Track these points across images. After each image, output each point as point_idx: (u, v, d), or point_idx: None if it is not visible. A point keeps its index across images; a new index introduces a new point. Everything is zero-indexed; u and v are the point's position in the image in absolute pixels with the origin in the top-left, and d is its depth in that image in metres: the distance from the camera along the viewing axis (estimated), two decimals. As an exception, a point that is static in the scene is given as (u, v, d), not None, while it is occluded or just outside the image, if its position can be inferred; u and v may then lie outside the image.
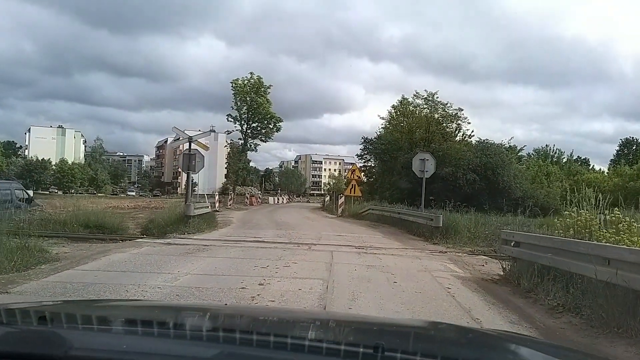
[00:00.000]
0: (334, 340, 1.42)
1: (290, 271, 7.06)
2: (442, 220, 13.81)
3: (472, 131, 40.43)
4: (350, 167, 36.48)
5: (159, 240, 10.71)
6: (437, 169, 17.81)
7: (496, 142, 38.12)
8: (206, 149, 16.38)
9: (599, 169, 62.88)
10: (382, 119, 42.06)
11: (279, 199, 64.37)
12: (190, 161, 16.17)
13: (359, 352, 1.12)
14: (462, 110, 39.51)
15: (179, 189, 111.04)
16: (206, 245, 9.83)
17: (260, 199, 52.79)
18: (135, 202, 40.84)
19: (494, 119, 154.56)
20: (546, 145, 65.73)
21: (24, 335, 1.24)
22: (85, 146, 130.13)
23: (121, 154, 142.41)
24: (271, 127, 44.74)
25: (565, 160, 64.21)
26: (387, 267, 7.77)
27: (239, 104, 43.33)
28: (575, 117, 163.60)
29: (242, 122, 44.00)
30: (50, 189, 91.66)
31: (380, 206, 22.82)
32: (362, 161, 42.48)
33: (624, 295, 4.44)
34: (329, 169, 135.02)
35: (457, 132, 40.43)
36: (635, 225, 6.22)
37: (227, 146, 46.60)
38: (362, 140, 42.25)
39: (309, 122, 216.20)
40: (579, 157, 69.55)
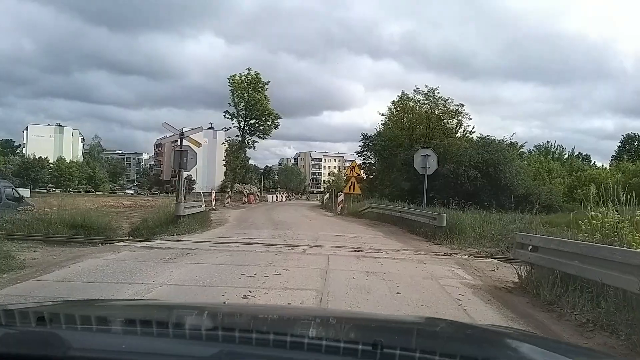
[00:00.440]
0: (333, 337, 1.41)
1: (280, 280, 6.26)
2: (446, 219, 13.07)
3: (473, 127, 39.71)
4: (349, 164, 35.70)
5: (141, 243, 9.87)
6: (438, 166, 17.04)
7: (498, 139, 37.53)
8: (198, 145, 15.61)
9: (602, 165, 62.06)
10: (382, 115, 41.23)
11: (277, 197, 63.66)
12: (181, 158, 15.41)
13: (357, 350, 1.12)
14: (463, 105, 38.69)
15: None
16: (192, 249, 9.00)
17: (258, 196, 52.10)
18: (132, 201, 40.10)
19: (494, 116, 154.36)
20: (547, 141, 64.96)
21: (22, 336, 1.23)
22: (83, 144, 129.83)
23: (120, 152, 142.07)
24: (269, 123, 43.76)
25: (566, 156, 63.51)
26: (389, 274, 6.96)
27: (237, 100, 42.39)
28: (575, 113, 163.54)
29: (240, 119, 43.09)
30: (47, 188, 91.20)
31: (380, 204, 22.04)
32: (362, 158, 41.74)
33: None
34: (329, 167, 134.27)
35: (458, 128, 39.69)
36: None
37: (224, 143, 45.59)
38: (362, 137, 41.46)
39: (308, 119, 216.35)
40: (579, 153, 68.74)
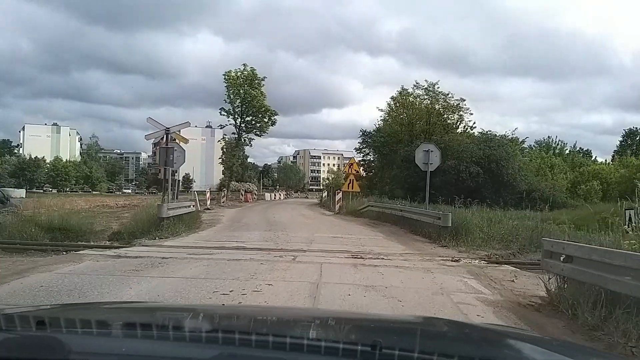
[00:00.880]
0: (332, 338, 1.41)
1: (259, 300, 5.15)
2: (452, 219, 12.06)
3: (474, 123, 38.72)
4: (348, 161, 34.65)
5: (111, 250, 8.75)
6: (440, 162, 16.01)
7: (499, 134, 36.57)
8: (186, 141, 14.61)
9: (605, 161, 61.06)
10: (381, 110, 40.23)
11: (275, 195, 62.65)
12: (167, 155, 14.47)
13: (357, 350, 1.13)
14: (464, 100, 37.68)
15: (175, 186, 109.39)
16: (166, 257, 7.89)
17: (256, 195, 51.09)
18: (129, 200, 39.00)
19: (493, 112, 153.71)
20: (548, 136, 64.16)
21: (23, 340, 1.22)
22: (81, 144, 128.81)
23: (119, 151, 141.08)
24: (266, 120, 42.67)
25: (567, 152, 62.58)
26: (391, 289, 5.87)
27: (232, 97, 41.32)
28: (574, 109, 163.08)
29: (236, 116, 42.03)
30: (44, 188, 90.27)
31: (380, 203, 21.00)
32: (361, 155, 40.74)
33: None
34: (328, 164, 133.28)
35: (458, 123, 38.71)
36: None
37: (220, 141, 44.54)
38: (361, 133, 40.45)
39: (307, 117, 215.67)
40: (580, 148, 67.82)
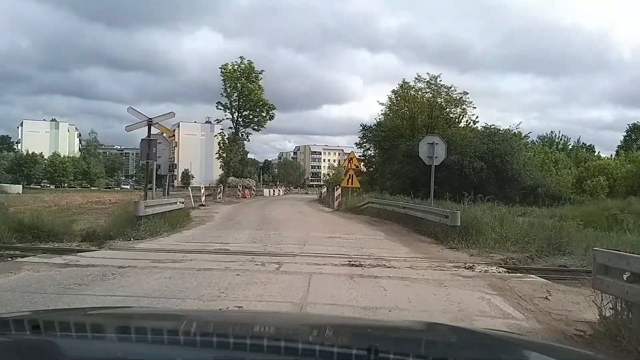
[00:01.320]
0: (328, 343, 1.40)
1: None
2: (461, 217, 10.88)
3: (477, 117, 37.60)
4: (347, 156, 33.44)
5: (61, 257, 7.42)
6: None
7: (503, 128, 35.46)
8: (170, 134, 13.42)
9: (611, 155, 59.84)
10: (382, 104, 39.10)
11: (274, 191, 61.54)
12: (150, 149, 13.24)
13: (352, 354, 1.13)
14: (467, 94, 36.52)
15: (175, 181, 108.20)
16: (123, 267, 6.57)
17: (254, 191, 49.94)
18: (126, 196, 37.70)
19: (493, 108, 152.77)
20: (551, 131, 63.10)
21: (17, 344, 1.21)
22: (80, 140, 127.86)
23: (119, 147, 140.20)
24: (264, 115, 41.51)
25: (570, 147, 61.46)
26: (397, 312, 4.61)
27: (229, 90, 40.18)
28: (573, 104, 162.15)
29: (233, 110, 40.88)
30: (42, 184, 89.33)
31: (381, 199, 19.79)
32: (362, 150, 39.64)
33: None
34: (329, 160, 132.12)
35: (461, 117, 37.57)
36: None
37: (217, 136, 43.35)
38: (361, 127, 39.33)
39: (308, 113, 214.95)
40: (583, 143, 66.71)
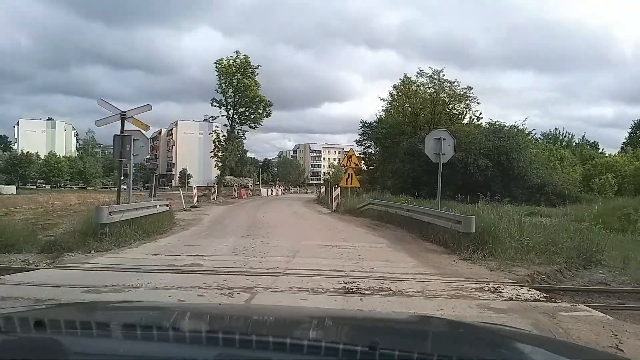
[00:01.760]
0: (332, 339, 1.41)
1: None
2: (475, 223, 9.57)
3: (481, 113, 36.30)
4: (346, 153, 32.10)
5: None
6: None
7: (509, 124, 34.18)
8: (146, 128, 12.11)
9: (617, 152, 58.55)
10: (383, 100, 37.73)
11: (273, 191, 60.18)
12: (123, 145, 11.83)
13: (356, 351, 1.13)
14: (471, 89, 35.15)
15: (173, 181, 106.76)
16: (42, 300, 4.98)
17: (251, 191, 48.66)
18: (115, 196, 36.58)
19: (494, 105, 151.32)
20: (555, 128, 61.75)
21: (21, 342, 1.20)
22: (77, 139, 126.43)
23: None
24: (260, 111, 40.09)
25: (575, 143, 60.20)
26: None
27: (225, 86, 38.82)
28: (574, 102, 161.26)
29: (229, 107, 39.53)
30: (37, 184, 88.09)
31: (382, 200, 18.45)
32: (362, 147, 38.25)
33: None
34: (329, 158, 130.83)
35: (465, 113, 36.25)
36: None
37: (212, 134, 41.94)
38: (361, 124, 37.98)
39: (308, 111, 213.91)
40: (587, 140, 65.48)
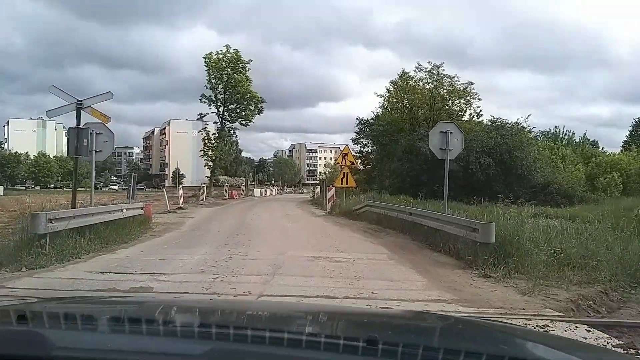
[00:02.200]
0: (330, 334, 1.42)
1: None
2: (494, 231, 7.83)
3: (481, 110, 34.72)
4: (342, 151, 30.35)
5: None
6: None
7: (511, 121, 32.61)
8: (106, 120, 10.29)
9: (619, 151, 57.09)
10: (380, 96, 36.05)
11: (266, 191, 58.22)
12: (79, 140, 9.98)
13: (355, 346, 1.12)
14: (472, 84, 33.53)
15: (166, 181, 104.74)
16: None
17: (244, 191, 46.80)
18: (113, 197, 34.43)
19: (491, 104, 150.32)
20: (555, 127, 60.38)
21: (2, 335, 1.19)
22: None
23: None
24: (252, 108, 38.27)
25: (576, 142, 58.73)
26: None
27: (214, 82, 36.98)
28: (572, 101, 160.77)
29: (219, 104, 37.69)
30: (26, 184, 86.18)
31: (381, 202, 16.62)
32: (358, 146, 36.52)
33: None
34: (325, 158, 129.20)
35: (465, 110, 34.65)
36: None
37: (201, 132, 40.06)
38: (357, 122, 36.24)
39: (305, 111, 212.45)
40: (587, 139, 64.01)
